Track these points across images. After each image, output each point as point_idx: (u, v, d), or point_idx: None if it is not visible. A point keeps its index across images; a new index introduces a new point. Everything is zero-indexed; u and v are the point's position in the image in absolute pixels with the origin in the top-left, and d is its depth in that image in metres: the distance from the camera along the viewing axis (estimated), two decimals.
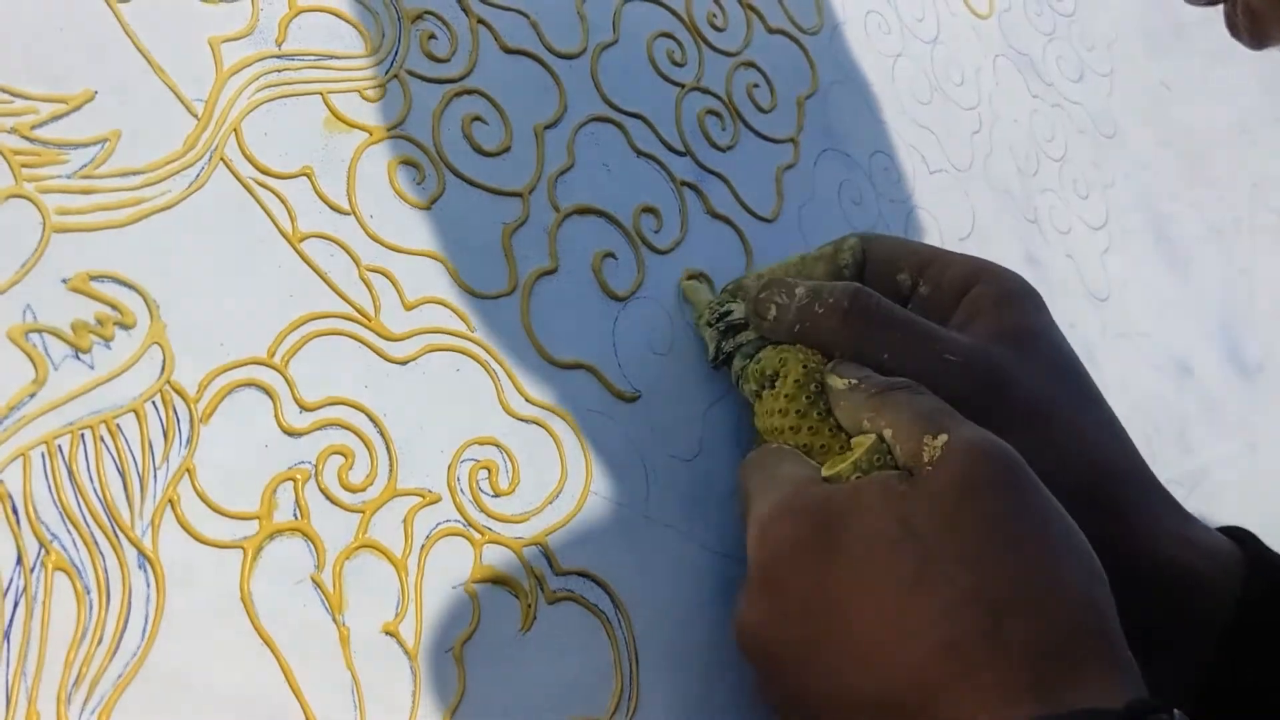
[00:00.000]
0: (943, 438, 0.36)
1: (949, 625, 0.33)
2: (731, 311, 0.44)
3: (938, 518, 0.35)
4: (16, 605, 0.31)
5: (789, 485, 0.39)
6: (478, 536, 0.39)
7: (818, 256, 0.46)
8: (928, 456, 0.36)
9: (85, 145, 0.36)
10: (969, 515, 0.35)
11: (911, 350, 0.41)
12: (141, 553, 0.33)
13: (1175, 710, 0.31)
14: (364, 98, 0.42)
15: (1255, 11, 0.38)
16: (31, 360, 0.33)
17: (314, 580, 0.36)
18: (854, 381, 0.40)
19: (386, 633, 0.36)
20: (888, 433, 0.38)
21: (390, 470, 0.38)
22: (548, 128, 0.46)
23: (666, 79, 0.50)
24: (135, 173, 0.36)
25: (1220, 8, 0.40)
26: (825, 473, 0.39)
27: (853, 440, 0.40)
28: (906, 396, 0.38)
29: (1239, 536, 0.43)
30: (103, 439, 0.34)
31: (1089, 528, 0.35)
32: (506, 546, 0.39)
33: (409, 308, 0.40)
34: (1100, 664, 0.33)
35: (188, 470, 0.35)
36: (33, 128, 0.35)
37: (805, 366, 0.41)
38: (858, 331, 0.41)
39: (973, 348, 0.41)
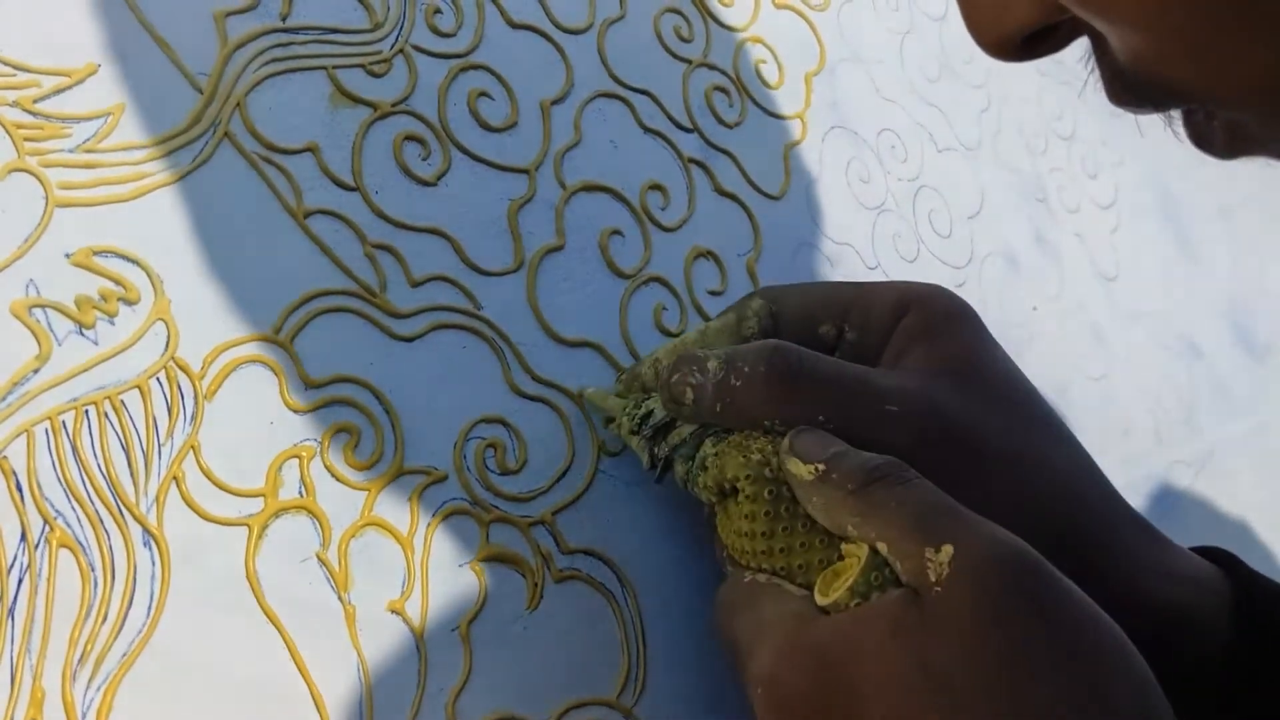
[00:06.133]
0: (947, 550, 0.31)
1: None
2: (653, 412, 0.39)
3: (960, 654, 0.30)
4: (21, 582, 0.31)
5: (781, 630, 0.34)
6: (484, 515, 0.39)
7: (720, 328, 0.41)
8: (934, 575, 0.31)
9: (88, 119, 0.36)
10: (994, 644, 0.30)
11: (847, 407, 0.36)
12: (146, 530, 0.33)
13: None
14: (369, 73, 0.41)
15: (1241, 131, 0.31)
16: (35, 336, 0.33)
17: (319, 558, 0.36)
18: (820, 468, 0.34)
19: (392, 611, 0.36)
20: (881, 546, 0.33)
21: (396, 448, 0.38)
22: (554, 104, 0.45)
23: (674, 55, 0.50)
24: (139, 147, 0.36)
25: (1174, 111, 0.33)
26: (820, 600, 0.34)
27: (843, 548, 0.34)
28: (889, 492, 0.33)
29: (1220, 558, 0.40)
30: (107, 415, 0.33)
31: (1062, 570, 0.32)
32: (513, 525, 0.39)
33: (415, 285, 0.40)
34: None
35: (192, 447, 0.35)
36: (35, 101, 0.35)
37: (749, 459, 0.36)
38: (784, 396, 0.36)
39: (909, 392, 0.37)
